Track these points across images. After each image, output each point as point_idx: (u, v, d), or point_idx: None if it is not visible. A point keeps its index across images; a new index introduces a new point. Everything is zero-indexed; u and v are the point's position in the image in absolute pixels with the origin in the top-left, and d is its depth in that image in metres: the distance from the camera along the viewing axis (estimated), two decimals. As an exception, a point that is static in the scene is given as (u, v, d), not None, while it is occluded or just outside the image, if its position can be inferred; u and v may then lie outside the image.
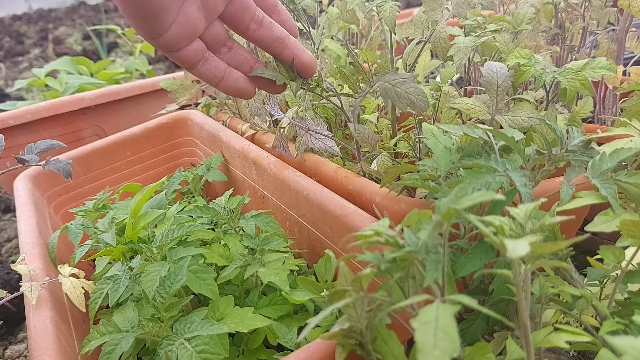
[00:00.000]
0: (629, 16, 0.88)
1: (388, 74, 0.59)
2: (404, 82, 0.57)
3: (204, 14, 0.52)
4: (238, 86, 0.58)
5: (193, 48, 0.54)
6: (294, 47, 0.58)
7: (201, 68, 0.55)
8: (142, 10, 0.47)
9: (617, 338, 0.26)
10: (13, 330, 1.00)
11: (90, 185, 1.05)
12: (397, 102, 0.57)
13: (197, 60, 0.55)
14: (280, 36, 0.57)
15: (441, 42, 0.73)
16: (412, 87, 0.56)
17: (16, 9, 4.77)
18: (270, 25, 0.56)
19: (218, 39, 0.56)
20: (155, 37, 0.51)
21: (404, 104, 0.56)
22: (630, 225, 0.45)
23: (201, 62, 0.55)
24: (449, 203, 0.37)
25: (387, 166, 0.69)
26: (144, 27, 0.50)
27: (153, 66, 2.57)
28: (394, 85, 0.57)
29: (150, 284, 0.57)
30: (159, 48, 0.52)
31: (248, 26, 0.55)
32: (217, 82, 0.57)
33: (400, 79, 0.57)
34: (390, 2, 0.71)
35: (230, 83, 0.57)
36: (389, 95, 0.57)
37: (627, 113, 0.74)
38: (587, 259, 0.50)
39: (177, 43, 0.52)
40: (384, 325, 0.46)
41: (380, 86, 0.58)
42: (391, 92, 0.57)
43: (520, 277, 0.37)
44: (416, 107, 0.56)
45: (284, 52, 0.58)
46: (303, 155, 0.78)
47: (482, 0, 0.74)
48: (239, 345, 0.64)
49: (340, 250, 0.67)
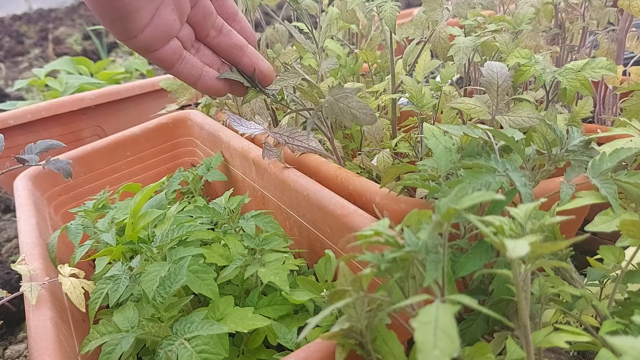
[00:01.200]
0: (629, 16, 0.88)
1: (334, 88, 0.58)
2: (346, 97, 0.56)
3: (177, 15, 0.53)
4: (214, 85, 0.59)
5: (170, 47, 0.54)
6: (252, 56, 0.59)
7: (179, 67, 0.56)
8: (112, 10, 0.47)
9: (617, 338, 0.26)
10: (13, 330, 1.00)
11: (90, 185, 1.05)
12: (341, 117, 0.56)
13: (175, 60, 0.55)
14: (238, 44, 0.58)
15: (441, 42, 0.73)
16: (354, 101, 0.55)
17: (16, 9, 4.77)
18: (229, 33, 0.57)
19: (187, 40, 0.57)
20: (130, 39, 0.51)
21: (347, 119, 0.56)
22: (630, 225, 0.45)
23: (179, 61, 0.56)
24: (449, 203, 0.37)
25: (387, 163, 0.69)
26: (116, 28, 0.50)
27: (153, 66, 2.57)
28: (337, 100, 0.56)
29: (150, 284, 0.57)
30: (135, 49, 0.53)
31: (208, 32, 0.56)
32: (194, 80, 0.58)
33: (342, 93, 0.56)
34: (390, 2, 0.71)
35: (207, 82, 0.58)
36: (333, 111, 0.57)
37: (627, 113, 0.74)
38: (587, 259, 0.50)
39: (154, 44, 0.52)
40: (384, 325, 0.46)
41: (328, 101, 0.58)
42: (335, 106, 0.56)
43: (520, 277, 0.37)
44: (360, 122, 0.56)
45: (242, 60, 0.59)
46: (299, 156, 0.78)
47: (482, 0, 0.74)
48: (239, 345, 0.64)
49: (340, 250, 0.67)
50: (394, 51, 0.81)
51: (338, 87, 0.58)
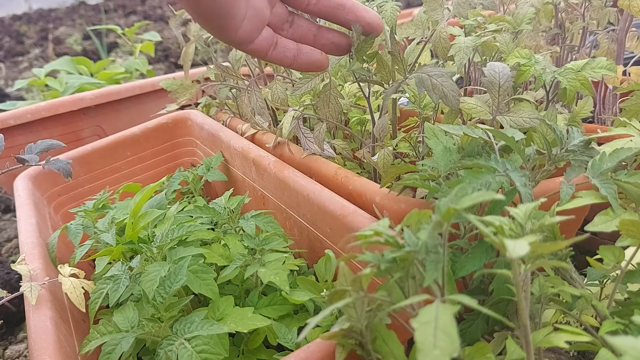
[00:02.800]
0: (629, 16, 0.88)
1: (427, 66, 0.60)
2: (442, 76, 0.58)
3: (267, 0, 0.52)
4: (311, 60, 0.57)
5: (264, 37, 0.54)
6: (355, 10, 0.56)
7: (273, 53, 0.55)
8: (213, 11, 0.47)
9: (617, 338, 0.26)
10: (13, 330, 1.00)
11: (90, 185, 1.05)
12: (431, 93, 0.58)
13: (268, 47, 0.55)
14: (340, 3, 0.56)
15: (442, 42, 0.73)
16: (449, 82, 0.58)
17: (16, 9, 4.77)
18: None
19: (281, 18, 0.56)
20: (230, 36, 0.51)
21: (437, 96, 0.58)
22: (630, 225, 0.45)
23: (272, 47, 0.55)
24: (449, 203, 0.37)
25: (388, 160, 0.69)
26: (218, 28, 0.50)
27: (153, 66, 2.58)
28: (431, 76, 0.58)
29: (150, 284, 0.57)
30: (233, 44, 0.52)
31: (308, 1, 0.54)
32: (290, 62, 0.57)
33: (438, 72, 0.58)
34: (390, 2, 0.71)
35: (304, 59, 0.57)
36: (424, 85, 0.58)
37: (627, 113, 0.74)
38: (587, 259, 0.50)
39: (250, 36, 0.52)
40: (384, 325, 0.46)
41: (417, 77, 0.59)
42: (427, 82, 0.58)
43: (520, 277, 0.37)
44: (448, 100, 0.57)
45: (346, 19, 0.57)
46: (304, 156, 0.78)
47: (483, 0, 0.74)
48: (239, 345, 0.64)
49: (340, 250, 0.67)
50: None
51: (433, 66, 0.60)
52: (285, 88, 0.83)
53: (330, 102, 0.74)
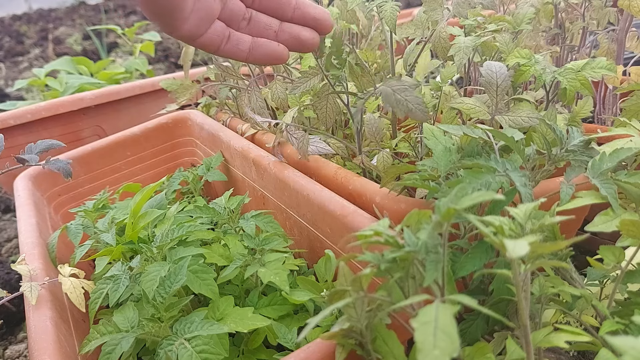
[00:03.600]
0: (629, 16, 0.88)
1: (392, 79, 0.59)
2: (405, 90, 0.57)
3: None
4: (268, 51, 0.56)
5: (214, 31, 0.53)
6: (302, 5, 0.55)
7: (225, 47, 0.55)
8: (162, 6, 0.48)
9: (617, 338, 0.26)
10: (13, 330, 1.00)
11: (90, 185, 1.05)
12: (396, 109, 0.57)
13: (219, 41, 0.54)
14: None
15: (442, 42, 0.73)
16: (412, 95, 0.56)
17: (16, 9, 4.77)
18: None
19: (235, 13, 0.55)
20: (178, 30, 0.50)
21: (402, 111, 0.56)
22: (630, 225, 0.45)
23: (224, 41, 0.54)
24: (448, 203, 0.37)
25: (387, 162, 0.69)
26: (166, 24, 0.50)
27: (153, 66, 2.57)
28: (395, 91, 0.57)
29: (150, 284, 0.57)
30: (182, 39, 0.52)
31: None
32: (245, 56, 0.56)
33: (401, 85, 0.57)
34: (390, 2, 0.71)
35: (260, 51, 0.56)
36: (388, 101, 0.57)
37: (627, 113, 0.74)
38: (587, 259, 0.50)
39: (198, 30, 0.52)
40: (384, 325, 0.46)
41: (383, 90, 0.58)
42: (391, 97, 0.57)
43: (520, 277, 0.37)
44: (413, 116, 0.56)
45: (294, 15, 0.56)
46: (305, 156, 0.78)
47: (483, 0, 0.74)
48: (239, 345, 0.65)
49: (340, 250, 0.67)
50: (394, 51, 0.81)
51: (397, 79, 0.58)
52: (285, 88, 0.83)
53: (328, 102, 0.74)
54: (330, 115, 0.75)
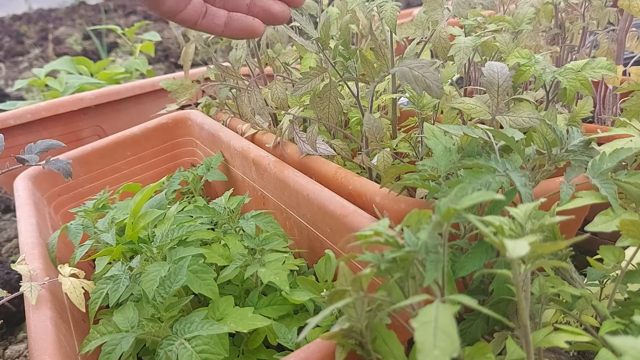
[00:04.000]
0: (629, 16, 0.88)
1: (407, 58, 0.60)
2: (422, 67, 0.58)
3: None
4: (242, 25, 0.57)
5: (192, 6, 0.55)
6: None
7: (202, 22, 0.56)
8: None
9: (617, 338, 0.26)
10: (13, 330, 1.00)
11: (90, 185, 1.05)
12: (414, 85, 0.58)
13: (197, 16, 0.56)
14: None
15: (442, 42, 0.73)
16: (430, 71, 0.57)
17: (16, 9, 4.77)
18: None
19: None
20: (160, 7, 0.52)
21: (420, 87, 0.57)
22: (630, 225, 0.45)
23: (200, 16, 0.56)
24: (448, 203, 0.37)
25: (387, 162, 0.69)
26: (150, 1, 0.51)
27: (153, 66, 2.57)
28: (411, 68, 0.58)
29: (150, 284, 0.57)
30: (163, 15, 0.54)
31: None
32: (221, 30, 0.57)
33: (418, 63, 0.58)
34: (390, 2, 0.71)
35: (235, 25, 0.57)
36: (406, 78, 0.58)
37: (627, 113, 0.74)
38: (587, 259, 0.50)
39: (178, 6, 0.54)
40: (384, 325, 0.46)
41: (399, 70, 0.59)
42: (409, 75, 0.58)
43: (520, 277, 0.37)
44: (431, 91, 0.57)
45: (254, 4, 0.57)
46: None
47: (483, 0, 0.74)
48: (239, 345, 0.64)
49: (340, 250, 0.67)
50: (394, 51, 0.81)
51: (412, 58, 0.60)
52: (285, 88, 0.83)
53: (330, 102, 0.74)
54: (332, 115, 0.75)
